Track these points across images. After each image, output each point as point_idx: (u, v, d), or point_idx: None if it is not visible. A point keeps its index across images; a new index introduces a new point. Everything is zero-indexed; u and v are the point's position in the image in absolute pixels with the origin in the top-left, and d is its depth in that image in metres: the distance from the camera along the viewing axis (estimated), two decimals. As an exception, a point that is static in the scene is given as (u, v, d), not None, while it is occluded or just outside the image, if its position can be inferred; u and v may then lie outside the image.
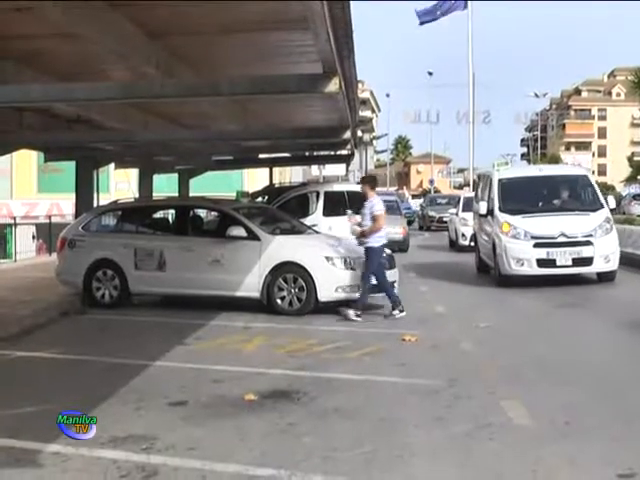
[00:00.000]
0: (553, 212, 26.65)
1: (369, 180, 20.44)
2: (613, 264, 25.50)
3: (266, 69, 14.95)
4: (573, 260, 24.99)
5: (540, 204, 27.78)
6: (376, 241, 18.29)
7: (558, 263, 24.94)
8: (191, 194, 29.51)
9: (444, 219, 52.49)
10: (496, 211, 26.50)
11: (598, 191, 28.28)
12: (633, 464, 7.91)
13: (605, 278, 26.03)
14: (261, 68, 14.98)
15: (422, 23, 35.41)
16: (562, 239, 25.00)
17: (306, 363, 13.62)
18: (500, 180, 27.85)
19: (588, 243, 25.04)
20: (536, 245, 24.91)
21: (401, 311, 17.96)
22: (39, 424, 9.58)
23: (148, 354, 13.95)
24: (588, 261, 25.12)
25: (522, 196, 28.05)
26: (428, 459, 8.57)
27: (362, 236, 18.45)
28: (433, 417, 9.99)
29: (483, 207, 27.67)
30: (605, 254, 25.23)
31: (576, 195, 28.54)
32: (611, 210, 27.07)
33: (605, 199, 27.24)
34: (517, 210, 26.39)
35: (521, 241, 25.13)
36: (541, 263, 25.01)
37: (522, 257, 24.92)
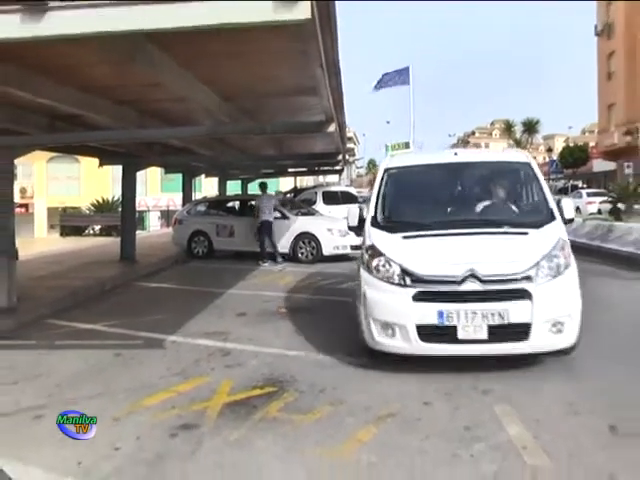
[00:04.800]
0: (464, 228, 8.10)
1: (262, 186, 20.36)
2: (569, 335, 7.29)
3: (292, 117, 15.13)
4: (490, 330, 7.11)
5: (447, 212, 8.94)
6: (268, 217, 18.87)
7: (461, 335, 7.14)
8: (249, 192, 29.65)
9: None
10: (366, 224, 8.78)
11: (547, 190, 8.99)
12: None
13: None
14: (290, 117, 15.15)
15: (377, 89, 34.35)
16: (471, 285, 7.22)
17: (316, 291, 13.83)
18: (387, 171, 9.54)
19: (521, 295, 7.18)
20: (420, 296, 7.29)
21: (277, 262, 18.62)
22: (164, 325, 10.16)
23: (224, 285, 14.23)
24: (519, 332, 7.15)
25: (419, 198, 9.46)
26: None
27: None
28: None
29: (352, 215, 9.15)
30: (553, 316, 7.22)
31: (511, 197, 9.26)
32: (567, 222, 8.54)
33: (558, 204, 8.68)
34: (400, 224, 8.57)
35: (393, 286, 7.48)
36: (428, 334, 7.26)
37: (392, 319, 7.40)
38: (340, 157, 25.97)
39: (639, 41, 49.62)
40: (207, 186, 37.69)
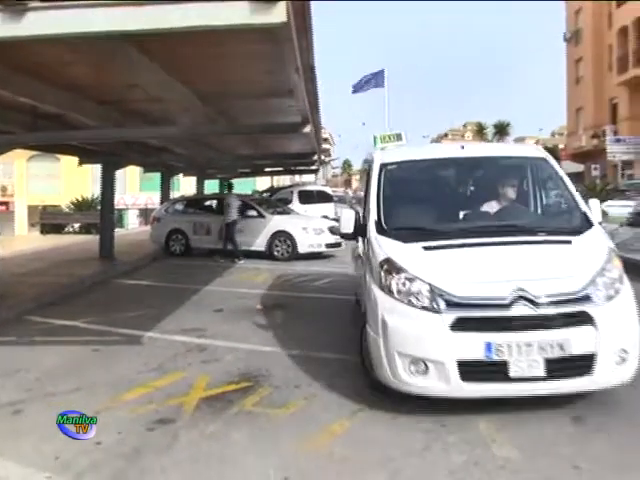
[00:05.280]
0: (492, 236, 6.46)
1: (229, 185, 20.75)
2: (632, 365, 5.78)
3: (269, 118, 15.11)
4: (548, 364, 5.53)
5: (467, 217, 7.30)
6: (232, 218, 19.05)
7: (514, 372, 5.52)
8: (225, 191, 29.83)
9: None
10: (370, 231, 6.95)
11: (574, 190, 7.24)
12: None
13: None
14: (266, 117, 15.13)
15: (355, 92, 34.46)
16: (522, 309, 5.61)
17: (291, 287, 13.90)
18: (384, 167, 7.62)
19: (582, 319, 5.65)
20: (460, 325, 5.63)
21: (239, 259, 18.65)
22: (141, 321, 10.12)
23: (201, 282, 14.24)
24: (582, 365, 5.61)
25: (429, 200, 7.58)
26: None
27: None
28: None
29: (346, 219, 7.50)
30: (620, 344, 5.72)
31: (532, 198, 7.92)
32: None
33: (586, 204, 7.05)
34: (415, 231, 6.70)
35: (423, 312, 5.78)
36: (473, 372, 5.61)
37: (425, 354, 5.70)
38: (316, 157, 25.99)
39: (606, 48, 50.13)
40: (185, 185, 37.51)
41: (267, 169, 33.56)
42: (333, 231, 19.44)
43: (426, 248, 6.31)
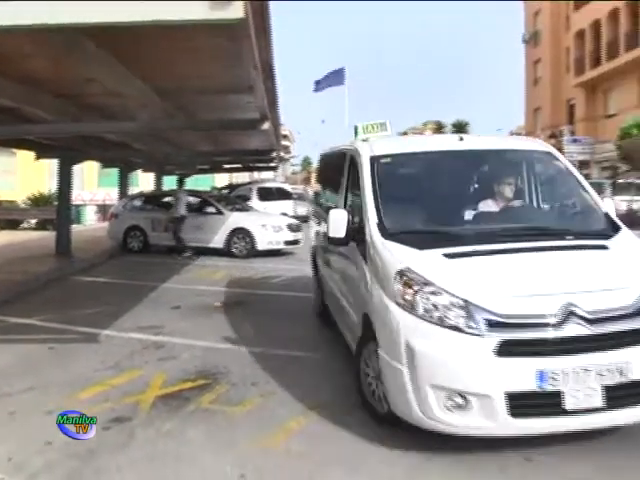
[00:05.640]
0: (518, 241, 5.68)
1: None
2: None
3: (227, 114, 15.04)
4: (606, 392, 4.71)
5: (475, 217, 6.40)
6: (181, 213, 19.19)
7: (570, 404, 4.70)
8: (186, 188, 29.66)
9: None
10: (373, 235, 5.89)
11: (590, 188, 6.70)
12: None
13: None
14: (225, 114, 15.06)
15: (316, 90, 34.54)
16: (575, 329, 4.77)
17: (249, 285, 13.83)
18: (375, 161, 6.63)
19: None
20: (507, 349, 4.72)
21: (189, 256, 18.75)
22: (98, 319, 10.00)
23: (159, 279, 14.13)
24: None
25: (436, 198, 6.63)
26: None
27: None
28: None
29: (337, 223, 6.38)
30: None
31: (546, 196, 7.12)
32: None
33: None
34: (428, 236, 5.83)
35: (458, 334, 4.80)
36: (524, 405, 4.73)
37: (466, 386, 4.74)
38: (275, 154, 26.05)
39: (563, 50, 50.97)
40: (144, 181, 37.14)
41: (226, 166, 33.48)
42: (292, 228, 19.57)
43: (448, 256, 5.38)
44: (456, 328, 4.82)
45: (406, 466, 4.95)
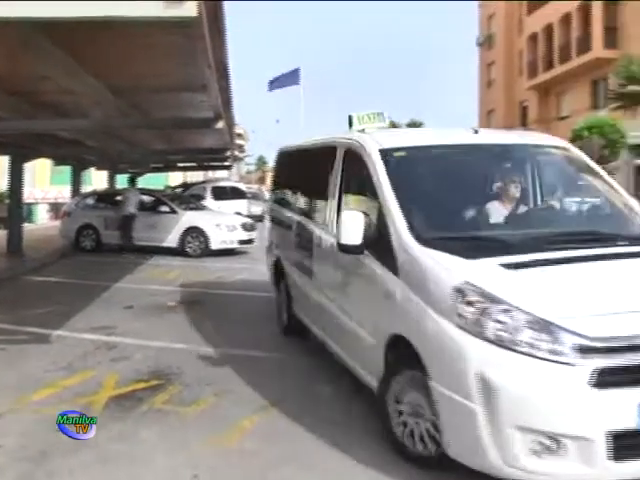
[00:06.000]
0: (571, 246, 4.93)
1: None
2: None
3: (181, 113, 15.00)
4: None
5: (517, 220, 5.79)
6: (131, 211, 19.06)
7: None
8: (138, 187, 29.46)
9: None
10: (406, 242, 4.95)
11: (620, 188, 6.21)
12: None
13: None
14: (179, 112, 15.02)
15: (270, 89, 34.51)
16: None
17: (203, 284, 13.76)
18: (386, 154, 5.75)
19: None
20: (606, 379, 3.90)
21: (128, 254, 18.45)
22: (50, 319, 9.84)
23: (111, 279, 13.94)
24: None
25: (462, 199, 5.76)
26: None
27: None
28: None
29: (351, 228, 5.30)
30: None
31: (575, 195, 6.75)
32: None
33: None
34: (470, 241, 5.15)
35: (543, 363, 3.98)
36: (624, 446, 3.88)
37: (558, 428, 3.90)
38: (229, 153, 26.01)
39: (517, 53, 51.75)
40: (97, 179, 36.72)
41: (180, 164, 33.37)
42: (246, 227, 19.57)
43: (507, 266, 4.60)
44: (539, 356, 4.03)
45: (359, 462, 4.95)
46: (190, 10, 5.36)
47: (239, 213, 24.69)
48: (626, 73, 20.62)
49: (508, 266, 4.59)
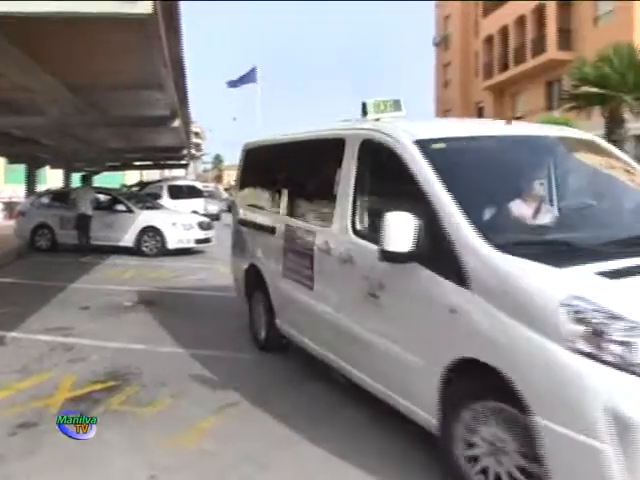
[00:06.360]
0: None
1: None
2: None
3: (138, 111, 14.92)
4: None
5: (585, 220, 5.21)
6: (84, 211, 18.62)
7: None
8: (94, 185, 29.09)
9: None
10: (480, 249, 4.21)
11: None
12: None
13: None
14: (135, 110, 14.94)
15: (230, 86, 34.50)
16: None
17: (160, 284, 13.64)
18: (423, 146, 4.95)
19: None
20: None
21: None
22: (4, 320, 9.63)
23: (67, 279, 13.76)
24: None
25: (507, 198, 5.01)
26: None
27: None
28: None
29: (400, 229, 4.46)
30: None
31: (615, 190, 5.75)
32: None
33: None
34: (551, 246, 4.51)
35: None
36: None
37: None
38: (186, 152, 25.92)
39: (473, 54, 52.31)
40: (52, 178, 36.27)
41: (137, 163, 33.12)
42: (203, 227, 19.52)
43: (604, 275, 3.98)
44: None
45: (317, 461, 4.98)
46: (145, 7, 5.37)
47: (196, 212, 24.58)
48: (580, 75, 21.02)
49: (605, 275, 3.98)
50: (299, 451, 5.14)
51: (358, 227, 5.60)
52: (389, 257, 4.62)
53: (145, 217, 19.37)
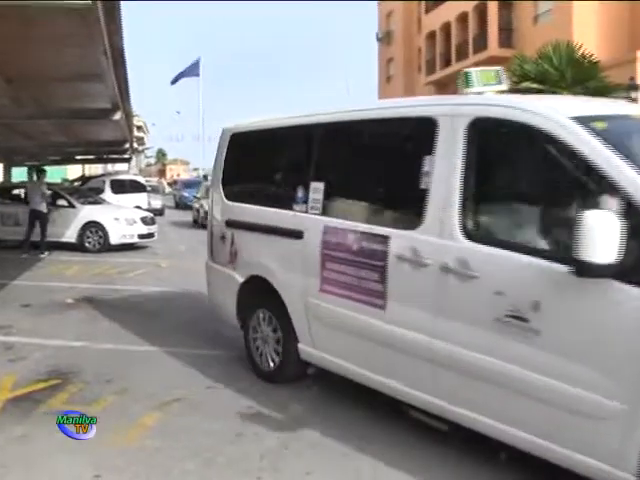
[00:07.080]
0: None
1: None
2: None
3: (78, 103, 14.68)
4: None
5: None
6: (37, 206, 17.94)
7: None
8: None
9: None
10: None
11: None
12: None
13: None
14: (76, 103, 14.69)
15: (173, 83, 34.43)
16: None
17: (103, 280, 13.46)
18: (591, 126, 3.84)
19: None
20: None
21: (42, 253, 17.37)
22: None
23: (7, 277, 13.42)
24: None
25: None
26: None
27: None
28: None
29: (605, 236, 3.30)
30: None
31: None
32: None
33: None
34: None
35: None
36: None
37: None
38: (128, 145, 25.60)
39: (415, 50, 52.76)
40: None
41: (79, 157, 32.63)
42: (146, 222, 19.34)
43: None
44: None
45: (263, 454, 4.95)
46: (85, -3, 5.25)
47: (139, 207, 24.26)
48: (521, 71, 21.41)
49: None
50: (246, 446, 5.11)
51: (471, 229, 4.42)
52: (590, 271, 3.50)
53: (87, 212, 19.07)
